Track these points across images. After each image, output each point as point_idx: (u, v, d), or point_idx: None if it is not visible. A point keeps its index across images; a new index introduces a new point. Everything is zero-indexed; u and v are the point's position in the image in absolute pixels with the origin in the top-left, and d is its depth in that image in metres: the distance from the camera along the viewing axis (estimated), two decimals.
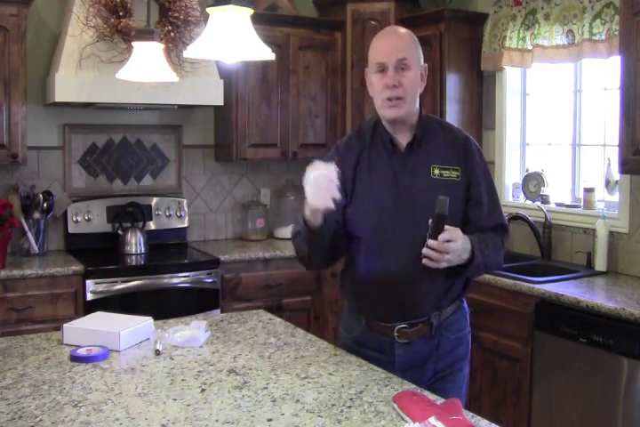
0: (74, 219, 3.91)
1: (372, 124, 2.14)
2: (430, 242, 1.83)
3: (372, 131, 2.12)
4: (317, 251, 2.02)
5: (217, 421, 1.56)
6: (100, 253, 3.85)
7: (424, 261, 1.86)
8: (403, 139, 2.07)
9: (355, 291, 2.14)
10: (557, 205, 3.80)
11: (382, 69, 2.00)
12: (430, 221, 1.84)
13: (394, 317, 2.04)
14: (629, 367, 2.66)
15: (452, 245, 1.85)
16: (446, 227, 1.84)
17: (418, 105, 2.07)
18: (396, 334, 2.04)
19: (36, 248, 3.71)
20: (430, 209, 1.85)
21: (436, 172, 2.02)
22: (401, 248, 1.99)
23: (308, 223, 1.93)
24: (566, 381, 2.92)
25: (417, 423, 1.46)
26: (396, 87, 1.98)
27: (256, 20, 1.98)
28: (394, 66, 1.98)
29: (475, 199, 2.05)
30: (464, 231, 1.93)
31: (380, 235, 2.03)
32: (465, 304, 2.16)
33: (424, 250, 1.85)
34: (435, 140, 2.07)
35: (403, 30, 2.08)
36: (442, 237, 1.83)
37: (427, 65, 2.08)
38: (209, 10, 1.84)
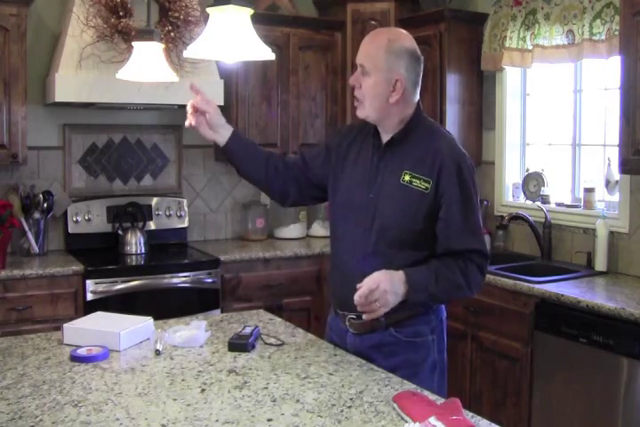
0: (74, 219, 3.91)
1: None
2: (355, 298, 1.87)
3: (368, 125, 2.17)
4: (236, 162, 2.26)
5: (217, 421, 1.56)
6: (99, 253, 3.85)
7: (364, 316, 1.91)
8: (385, 137, 2.10)
9: (329, 276, 2.28)
10: (557, 205, 3.80)
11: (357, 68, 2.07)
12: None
13: (345, 306, 2.07)
14: (629, 367, 2.66)
15: (376, 292, 1.85)
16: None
17: (399, 110, 2.04)
18: (347, 323, 2.11)
19: (36, 248, 3.71)
20: (388, 212, 1.99)
21: (407, 178, 2.01)
22: (357, 242, 2.06)
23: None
24: (566, 381, 2.92)
25: (417, 423, 1.46)
26: (355, 88, 2.06)
27: (256, 20, 1.98)
28: (358, 69, 2.05)
29: (443, 219, 1.98)
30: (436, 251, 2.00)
31: (344, 225, 2.11)
32: (434, 314, 2.10)
33: (358, 308, 1.89)
34: (414, 147, 2.04)
35: (377, 37, 2.06)
36: (358, 294, 1.86)
37: (401, 77, 1.99)
38: (209, 10, 1.84)
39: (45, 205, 3.75)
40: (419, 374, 2.03)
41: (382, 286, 1.86)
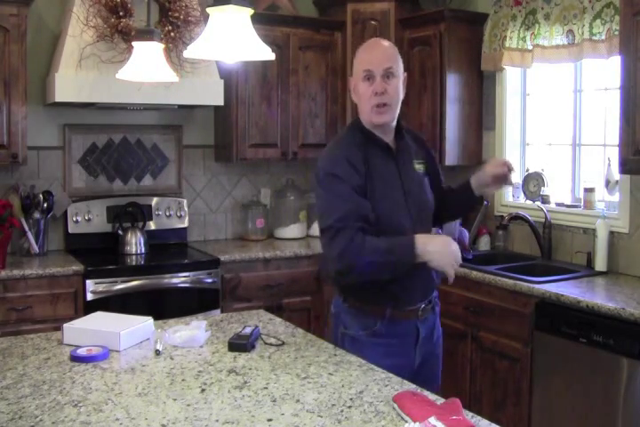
0: (74, 219, 3.91)
1: (354, 130, 2.25)
2: (452, 274, 2.08)
3: (366, 137, 2.22)
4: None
5: (217, 421, 1.56)
6: (100, 253, 3.85)
7: (451, 279, 2.08)
8: (389, 142, 2.26)
9: (378, 286, 2.14)
10: (557, 205, 3.80)
11: (369, 77, 2.15)
12: None
13: (419, 298, 2.24)
14: (629, 367, 2.66)
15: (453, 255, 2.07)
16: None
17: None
18: (420, 313, 2.24)
19: (36, 248, 3.71)
20: (422, 198, 2.27)
21: (416, 166, 2.30)
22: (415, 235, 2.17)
23: (415, 259, 2.04)
24: (566, 381, 2.92)
25: (417, 423, 1.46)
26: (383, 94, 2.14)
27: (256, 20, 1.98)
28: (380, 74, 2.14)
29: (438, 182, 2.42)
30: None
31: (399, 229, 2.16)
32: None
33: (450, 280, 2.08)
34: (409, 139, 2.32)
35: (387, 42, 2.26)
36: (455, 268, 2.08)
37: (406, 73, 2.27)
38: (209, 10, 1.84)
39: (45, 205, 3.75)
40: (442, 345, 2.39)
41: (453, 246, 2.06)
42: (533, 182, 3.92)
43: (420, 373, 2.19)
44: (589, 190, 3.59)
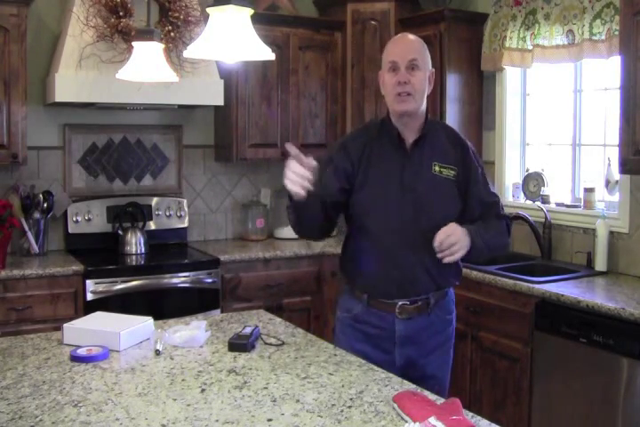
0: (74, 219, 3.91)
1: (379, 121, 2.34)
2: (435, 244, 2.09)
3: (380, 126, 2.30)
4: (305, 220, 2.21)
5: (217, 421, 1.56)
6: (100, 253, 3.84)
7: (445, 260, 2.10)
8: (409, 136, 2.25)
9: (358, 272, 2.31)
10: (557, 205, 3.80)
11: (394, 68, 2.19)
12: None
13: (397, 294, 2.24)
14: (629, 367, 2.66)
15: (453, 237, 2.08)
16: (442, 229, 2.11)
17: (425, 107, 2.26)
18: (397, 310, 2.23)
19: (36, 248, 3.71)
20: (430, 202, 2.19)
21: (437, 169, 2.23)
22: (405, 232, 2.20)
23: (293, 198, 2.10)
24: (566, 381, 2.92)
25: (417, 423, 1.46)
26: (406, 84, 2.17)
27: (256, 20, 1.98)
28: (405, 65, 2.18)
29: (472, 197, 2.27)
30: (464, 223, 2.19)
31: (386, 220, 2.22)
32: (451, 292, 2.37)
33: (438, 254, 2.10)
34: (438, 140, 2.27)
35: (414, 37, 2.29)
36: (438, 238, 2.08)
37: (434, 70, 2.27)
38: (209, 10, 1.83)
39: (45, 205, 3.75)
40: (451, 347, 2.37)
41: (459, 232, 2.10)
42: (533, 182, 3.92)
43: (406, 375, 2.06)
44: (589, 190, 3.59)
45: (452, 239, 2.08)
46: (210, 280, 3.69)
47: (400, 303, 2.23)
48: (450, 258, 2.10)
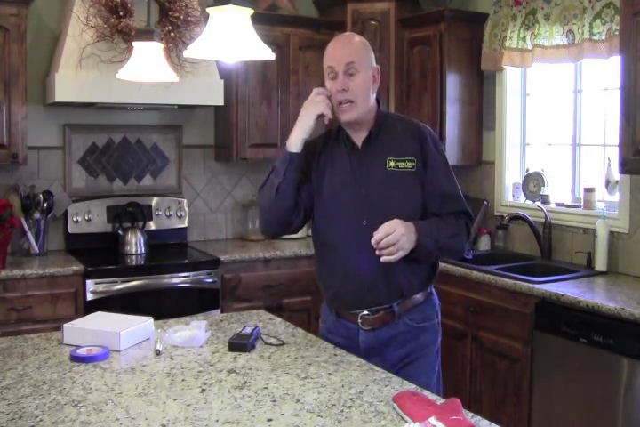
0: (74, 219, 3.91)
1: (336, 126, 2.28)
2: (372, 242, 1.98)
3: (337, 130, 2.25)
4: (280, 199, 2.14)
5: (217, 421, 1.56)
6: (100, 253, 3.85)
7: (382, 259, 1.99)
8: (359, 137, 2.19)
9: (324, 282, 2.27)
10: (557, 205, 3.80)
11: (333, 75, 2.13)
12: None
13: (356, 304, 2.16)
14: (629, 367, 2.66)
15: (391, 237, 1.96)
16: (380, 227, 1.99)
17: (373, 103, 2.18)
18: (359, 320, 2.16)
19: (36, 248, 3.71)
20: (385, 201, 2.08)
21: (392, 164, 2.13)
22: (360, 239, 2.07)
23: (288, 149, 2.13)
24: (566, 381, 2.92)
25: (417, 423, 1.46)
26: (346, 91, 2.10)
27: (256, 20, 1.98)
28: (342, 71, 2.11)
29: (430, 186, 2.14)
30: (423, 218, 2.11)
31: (340, 227, 2.15)
32: (434, 297, 2.27)
33: (376, 252, 1.99)
34: (391, 135, 2.17)
35: (354, 37, 2.22)
36: (376, 237, 1.96)
37: (379, 67, 2.20)
38: (209, 10, 1.84)
39: (45, 205, 3.75)
40: (427, 356, 2.21)
41: (399, 230, 1.97)
42: (533, 182, 3.92)
43: None
44: (589, 190, 3.59)
45: (390, 239, 1.96)
46: (210, 280, 3.69)
47: (360, 314, 2.15)
48: (387, 258, 1.98)
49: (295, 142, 2.14)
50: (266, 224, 2.25)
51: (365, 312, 2.15)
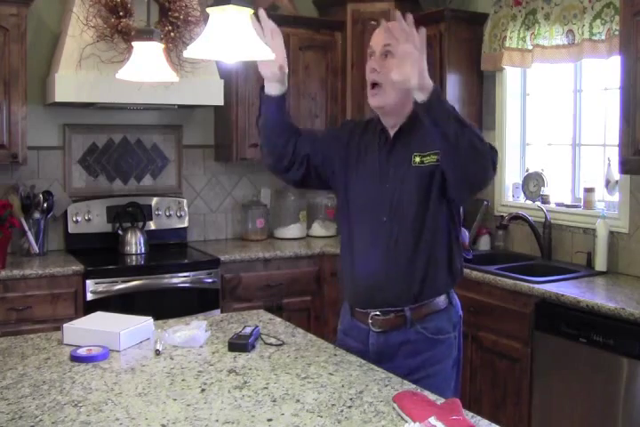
0: (74, 219, 3.91)
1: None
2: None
3: (377, 120, 2.16)
4: (264, 134, 2.17)
5: (217, 421, 1.56)
6: (100, 253, 3.85)
7: (392, 75, 1.77)
8: (392, 131, 2.12)
9: (343, 278, 2.22)
10: (557, 205, 3.80)
11: (371, 55, 2.05)
12: None
13: (367, 302, 2.11)
14: (629, 367, 2.66)
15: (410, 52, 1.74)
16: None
17: (408, 97, 1.96)
18: (370, 321, 2.10)
19: (36, 248, 3.71)
20: (407, 198, 2.02)
21: (417, 160, 2.04)
22: (377, 235, 2.06)
23: (266, 82, 2.08)
24: (566, 381, 2.92)
25: (417, 423, 1.46)
26: (378, 72, 2.02)
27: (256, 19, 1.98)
28: (379, 51, 2.03)
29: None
30: None
31: (360, 221, 2.12)
32: (455, 309, 2.14)
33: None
34: (419, 129, 2.01)
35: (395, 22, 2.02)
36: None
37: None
38: (209, 10, 1.83)
39: (45, 205, 3.75)
40: (441, 372, 2.08)
41: (417, 51, 1.73)
42: (533, 182, 3.92)
43: None
44: (589, 190, 3.59)
45: (407, 48, 1.71)
46: (210, 280, 3.69)
47: (372, 314, 2.09)
48: (397, 74, 1.74)
49: (266, 85, 2.10)
50: (261, 150, 2.27)
51: (376, 313, 2.09)
